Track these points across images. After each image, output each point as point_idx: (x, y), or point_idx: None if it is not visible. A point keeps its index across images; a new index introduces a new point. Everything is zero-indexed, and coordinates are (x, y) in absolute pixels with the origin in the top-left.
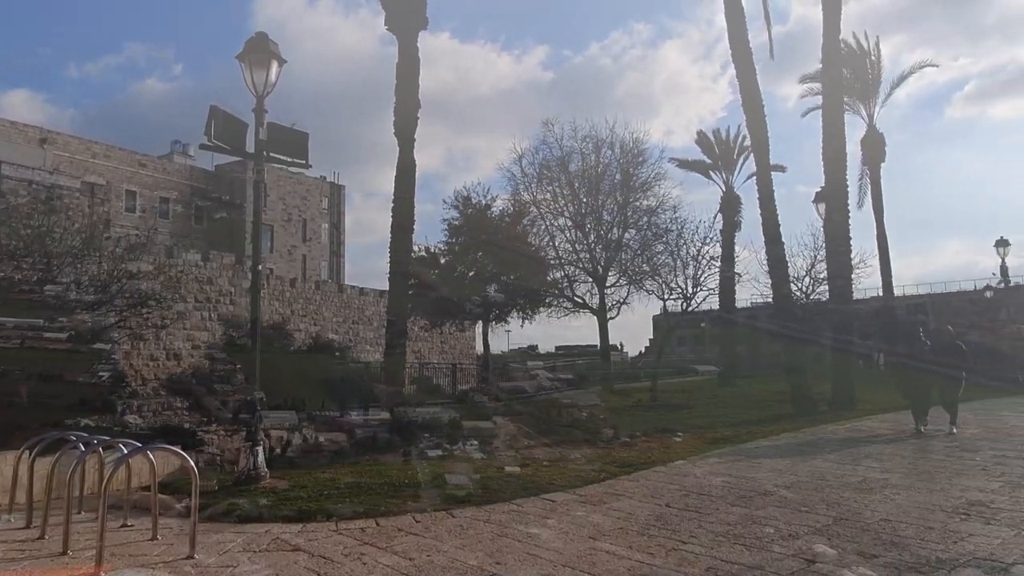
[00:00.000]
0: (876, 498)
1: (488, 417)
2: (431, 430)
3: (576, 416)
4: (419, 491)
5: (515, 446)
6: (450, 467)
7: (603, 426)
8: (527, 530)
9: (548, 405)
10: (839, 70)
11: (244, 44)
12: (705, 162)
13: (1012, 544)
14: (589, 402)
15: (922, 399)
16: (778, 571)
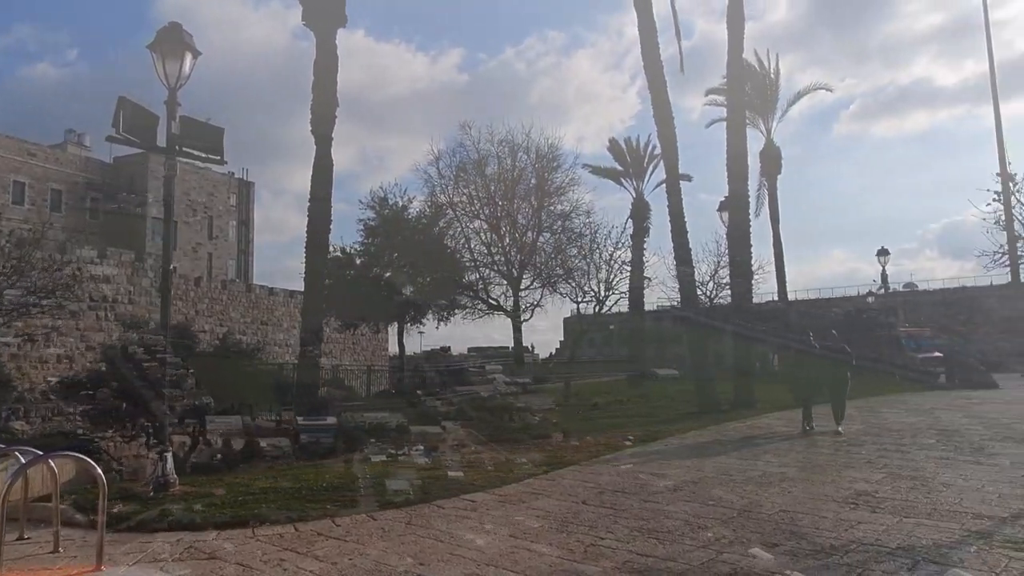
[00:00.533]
0: (775, 491)
1: (437, 422)
2: (378, 435)
3: (528, 420)
4: (345, 495)
5: (463, 451)
6: (390, 471)
7: (554, 429)
8: (452, 531)
9: (501, 409)
10: (742, 87)
11: (156, 33)
12: (617, 169)
13: (895, 530)
14: (543, 406)
15: (809, 399)
16: (689, 561)
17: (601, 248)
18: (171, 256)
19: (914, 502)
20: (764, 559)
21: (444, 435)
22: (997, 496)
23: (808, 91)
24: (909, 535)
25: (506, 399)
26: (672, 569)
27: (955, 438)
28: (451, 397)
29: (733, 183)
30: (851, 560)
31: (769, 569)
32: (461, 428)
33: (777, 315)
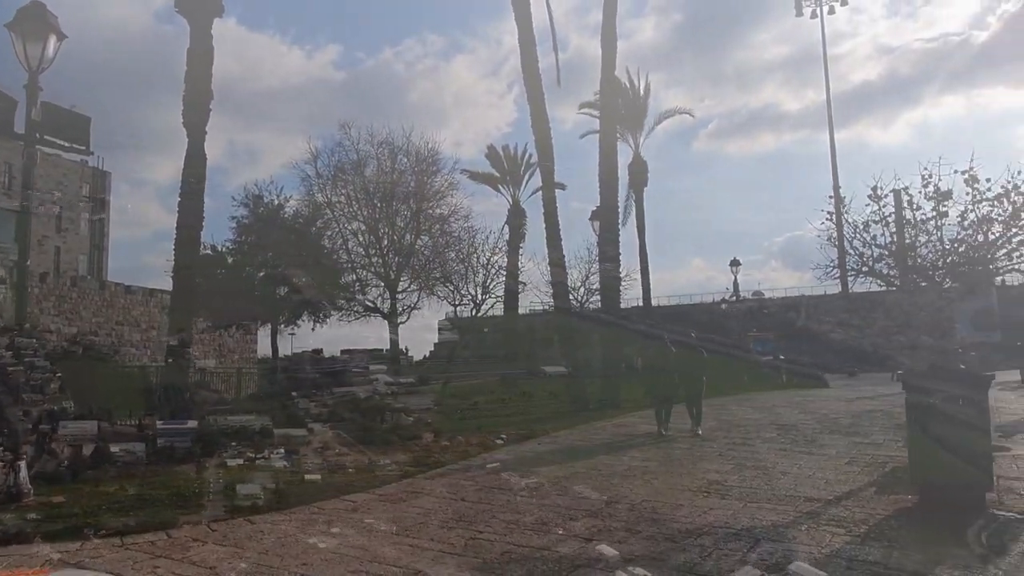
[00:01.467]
0: (638, 483)
1: (304, 424)
2: (240, 438)
3: (402, 421)
4: (188, 502)
5: (325, 454)
6: (245, 476)
7: (426, 430)
8: (297, 535)
9: (376, 410)
10: (614, 102)
11: (16, 12)
12: (494, 175)
13: (741, 514)
14: (421, 406)
15: (664, 402)
16: (561, 550)
17: (479, 252)
18: (28, 250)
19: (757, 489)
20: (609, 554)
21: (309, 438)
22: (825, 482)
23: (672, 114)
24: (753, 518)
25: (384, 400)
26: (547, 557)
27: (792, 432)
28: (326, 398)
29: (604, 193)
30: (704, 542)
31: (612, 565)
32: (329, 430)
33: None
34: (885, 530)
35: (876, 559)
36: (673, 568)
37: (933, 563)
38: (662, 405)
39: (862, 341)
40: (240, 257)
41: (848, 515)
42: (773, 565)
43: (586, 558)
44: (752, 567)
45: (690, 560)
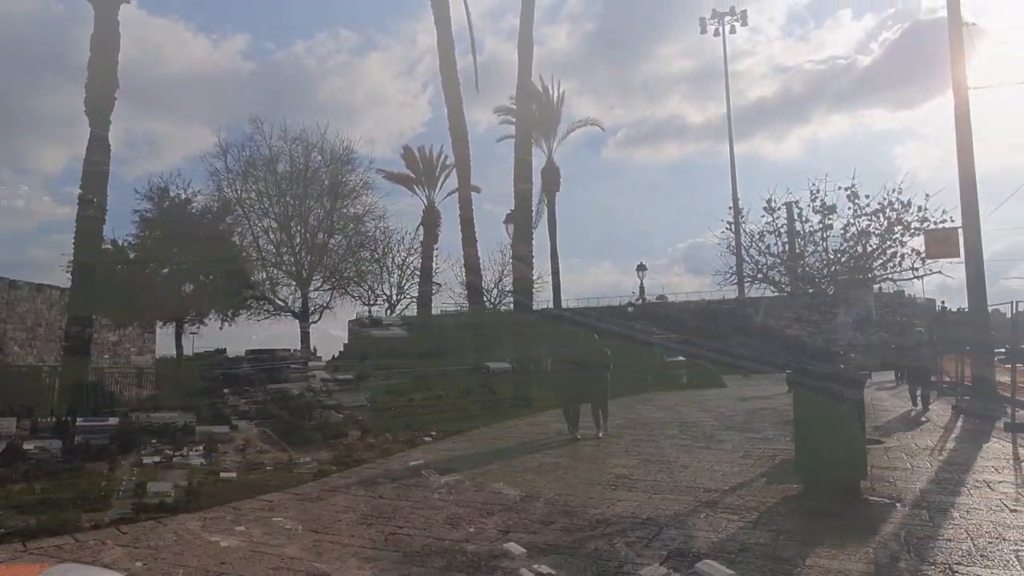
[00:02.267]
0: (551, 478)
1: (229, 422)
2: (161, 436)
3: (331, 419)
4: (96, 501)
5: (246, 452)
6: (160, 474)
7: (354, 428)
8: (202, 534)
9: (305, 407)
10: (530, 107)
11: None
12: (410, 176)
13: (647, 504)
14: (355, 403)
15: (572, 404)
16: (479, 542)
17: (395, 253)
18: None
19: (661, 481)
20: (516, 552)
21: (232, 435)
22: (721, 474)
23: (583, 124)
24: (657, 508)
25: (317, 397)
26: (466, 549)
27: (692, 429)
28: (257, 395)
29: (519, 197)
30: (612, 530)
31: (518, 563)
32: (255, 428)
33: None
34: (773, 516)
35: (765, 542)
36: (584, 556)
37: (814, 544)
38: (568, 408)
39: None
40: (143, 252)
41: (742, 503)
42: (675, 551)
43: (490, 554)
44: (659, 565)
45: (600, 548)
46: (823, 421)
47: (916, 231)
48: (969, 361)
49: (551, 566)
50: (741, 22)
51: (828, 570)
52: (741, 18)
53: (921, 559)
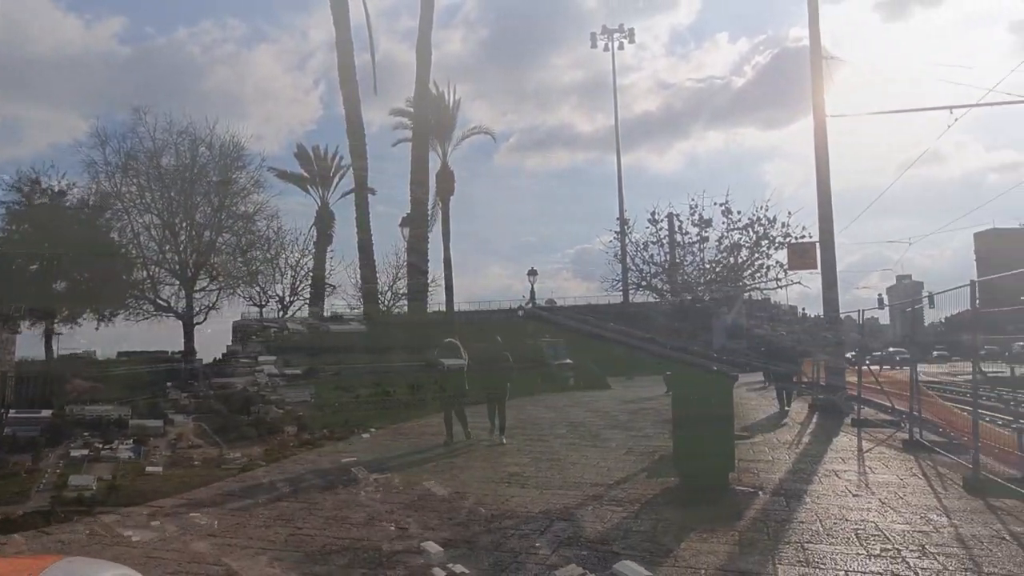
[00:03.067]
0: (446, 477)
1: (164, 416)
2: (95, 429)
3: (270, 414)
4: (32, 494)
5: (177, 446)
6: (84, 467)
7: (292, 423)
8: (114, 530)
9: (246, 402)
10: (428, 113)
11: None
12: (303, 176)
13: (538, 500)
14: (299, 398)
15: (450, 408)
16: (378, 539)
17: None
18: None
19: (552, 478)
20: (439, 531)
21: (166, 429)
22: (607, 469)
23: (477, 131)
24: (547, 502)
25: (261, 392)
26: (366, 547)
27: (580, 428)
28: (200, 390)
29: (415, 201)
30: (507, 524)
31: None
32: (191, 422)
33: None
34: (653, 506)
35: (646, 529)
36: (482, 548)
37: (688, 529)
38: (448, 411)
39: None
40: (9, 247)
41: (625, 496)
42: (565, 540)
43: (405, 546)
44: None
45: (495, 540)
46: (697, 420)
47: (780, 245)
48: (824, 364)
49: (449, 559)
50: (629, 39)
51: (699, 551)
52: (629, 36)
53: (777, 539)
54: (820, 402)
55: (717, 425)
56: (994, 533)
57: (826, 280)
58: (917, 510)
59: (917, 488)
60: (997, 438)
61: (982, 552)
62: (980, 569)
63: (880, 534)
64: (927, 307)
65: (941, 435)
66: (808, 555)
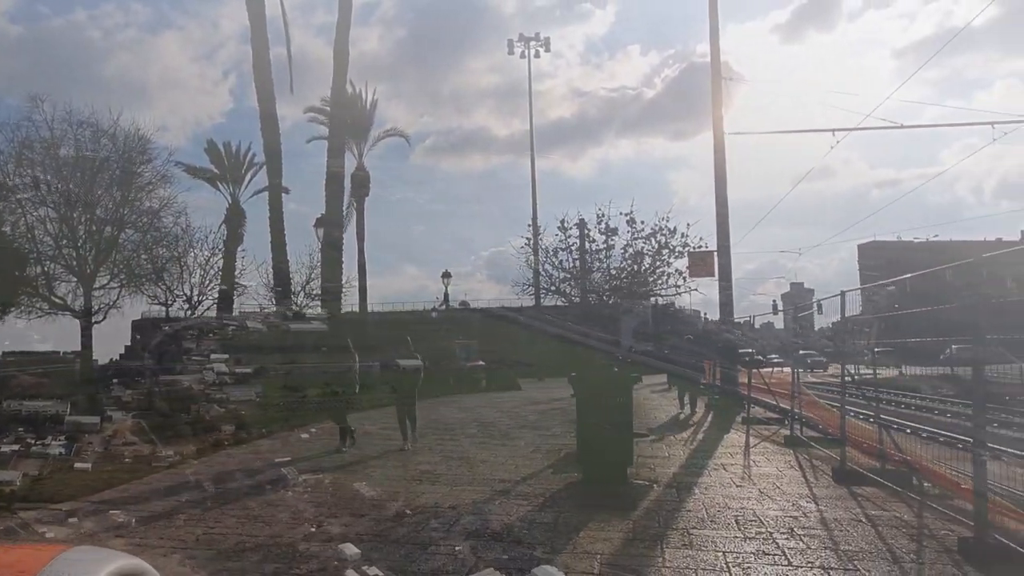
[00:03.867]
0: (360, 476)
1: (102, 412)
2: (29, 424)
3: (211, 412)
4: None
5: (111, 443)
6: (13, 463)
7: (231, 422)
8: (65, 524)
9: (188, 401)
10: (344, 113)
11: None
12: (214, 172)
13: (449, 495)
14: (244, 397)
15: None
16: (293, 536)
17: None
18: None
19: (462, 475)
20: (352, 526)
21: (103, 426)
22: (515, 467)
23: (393, 133)
24: (457, 498)
25: (207, 390)
26: (279, 543)
27: (490, 428)
28: (146, 387)
29: (330, 202)
30: (418, 519)
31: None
32: (129, 419)
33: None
34: (557, 499)
35: (549, 520)
36: (393, 541)
37: (588, 519)
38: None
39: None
40: None
41: (531, 491)
42: (473, 532)
43: (320, 541)
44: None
45: (407, 533)
46: (598, 417)
47: (680, 254)
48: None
49: (364, 551)
50: (545, 48)
51: (597, 539)
52: (545, 44)
53: (667, 526)
54: (715, 402)
55: (618, 423)
56: (853, 516)
57: (722, 287)
58: (790, 498)
59: (793, 479)
60: (863, 433)
61: (841, 533)
62: (837, 547)
63: (757, 519)
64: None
65: (819, 431)
66: (692, 539)
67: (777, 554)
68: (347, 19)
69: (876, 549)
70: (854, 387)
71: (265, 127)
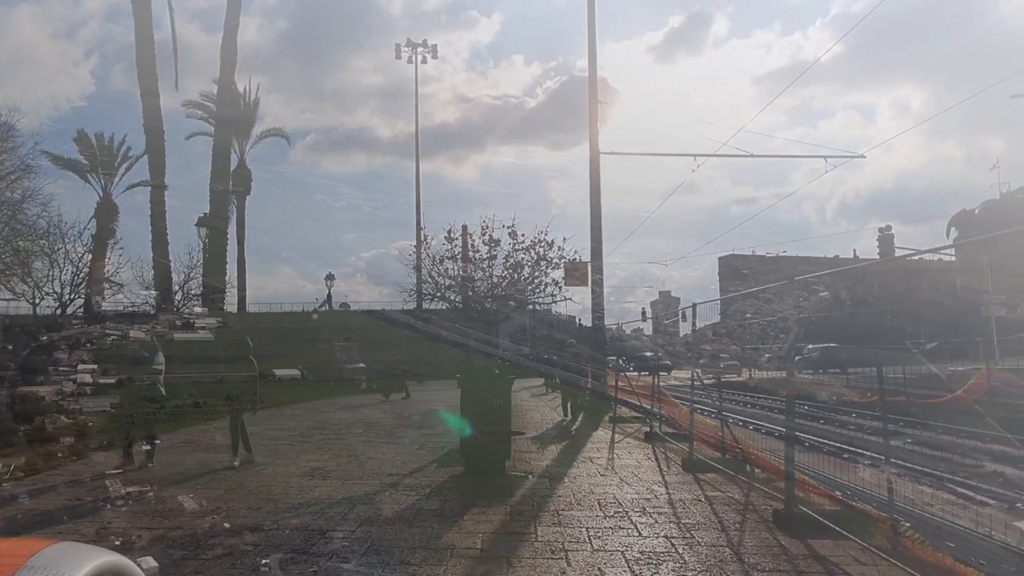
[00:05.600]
0: (250, 474)
1: None
2: None
3: (57, 423)
4: None
5: None
6: None
7: (74, 433)
8: None
9: (36, 411)
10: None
11: None
12: (83, 163)
13: (340, 489)
14: (97, 407)
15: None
16: (192, 530)
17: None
18: None
19: (352, 471)
20: (252, 520)
21: None
22: (402, 462)
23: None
24: (349, 491)
25: (63, 400)
26: (169, 537)
27: (375, 428)
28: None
29: (214, 201)
30: (313, 510)
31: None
32: None
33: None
34: (442, 490)
35: (435, 507)
36: (292, 529)
37: (471, 506)
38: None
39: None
40: None
41: (418, 483)
42: (367, 520)
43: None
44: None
45: (304, 522)
46: (481, 416)
47: (557, 265)
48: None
49: (258, 541)
50: (432, 55)
51: (479, 520)
52: (432, 52)
53: (540, 509)
54: (586, 403)
55: (498, 421)
56: (695, 497)
57: (594, 295)
58: (646, 484)
59: (649, 468)
60: (708, 428)
61: (683, 510)
62: (680, 521)
63: (616, 502)
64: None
65: (675, 428)
66: (561, 519)
67: (630, 527)
68: (235, 19)
69: (710, 521)
70: (701, 389)
71: (148, 121)
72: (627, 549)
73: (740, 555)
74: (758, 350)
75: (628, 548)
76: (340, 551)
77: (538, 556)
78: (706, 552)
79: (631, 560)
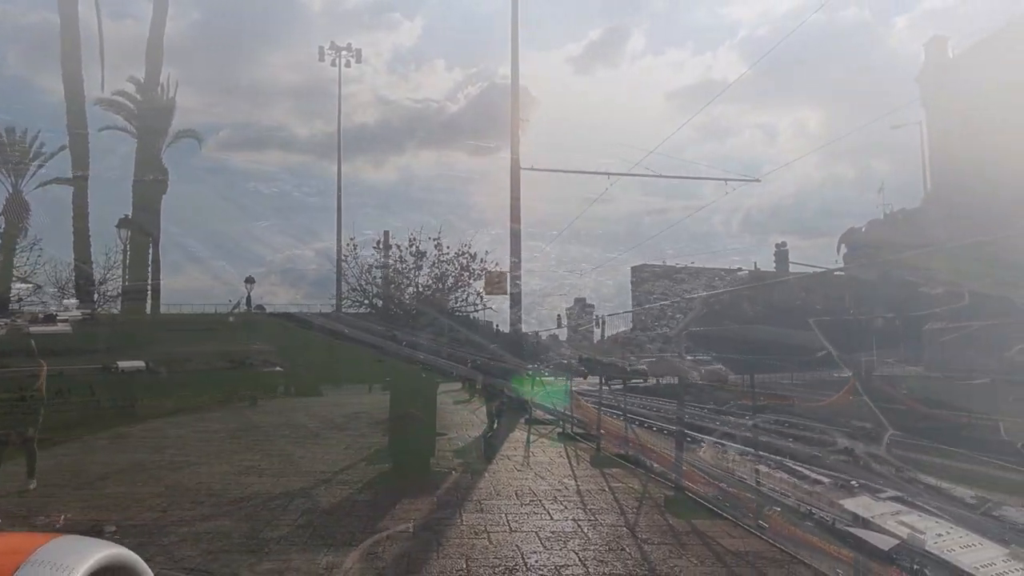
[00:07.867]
0: (189, 472)
1: None
2: None
3: None
4: None
5: None
6: None
7: None
8: None
9: None
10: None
11: None
12: None
13: (276, 485)
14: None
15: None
16: (141, 520)
17: None
18: None
19: (285, 469)
20: (197, 511)
21: None
22: (332, 461)
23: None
24: (285, 486)
25: None
26: (124, 526)
27: (301, 430)
28: None
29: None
30: (254, 503)
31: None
32: None
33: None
34: (372, 485)
35: (368, 499)
36: (238, 519)
37: (400, 498)
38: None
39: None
40: None
41: (349, 479)
42: (307, 510)
43: (174, 524)
44: None
45: (250, 512)
46: (408, 418)
47: (479, 275)
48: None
49: (208, 531)
50: (356, 59)
51: (408, 509)
52: (357, 56)
53: (463, 500)
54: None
55: (423, 421)
56: (600, 487)
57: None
58: (558, 478)
59: (561, 464)
60: (614, 427)
61: (590, 499)
62: (585, 507)
63: (531, 492)
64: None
65: (585, 429)
66: (483, 507)
67: (543, 513)
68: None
69: (611, 506)
70: (609, 393)
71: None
72: (540, 530)
73: (635, 533)
74: (664, 355)
75: (541, 529)
76: (288, 536)
77: (464, 537)
78: (607, 531)
79: (544, 538)
